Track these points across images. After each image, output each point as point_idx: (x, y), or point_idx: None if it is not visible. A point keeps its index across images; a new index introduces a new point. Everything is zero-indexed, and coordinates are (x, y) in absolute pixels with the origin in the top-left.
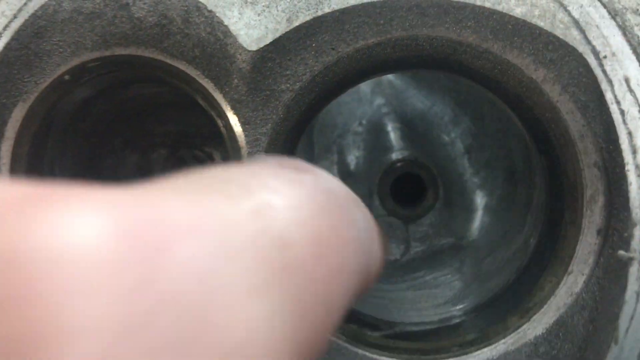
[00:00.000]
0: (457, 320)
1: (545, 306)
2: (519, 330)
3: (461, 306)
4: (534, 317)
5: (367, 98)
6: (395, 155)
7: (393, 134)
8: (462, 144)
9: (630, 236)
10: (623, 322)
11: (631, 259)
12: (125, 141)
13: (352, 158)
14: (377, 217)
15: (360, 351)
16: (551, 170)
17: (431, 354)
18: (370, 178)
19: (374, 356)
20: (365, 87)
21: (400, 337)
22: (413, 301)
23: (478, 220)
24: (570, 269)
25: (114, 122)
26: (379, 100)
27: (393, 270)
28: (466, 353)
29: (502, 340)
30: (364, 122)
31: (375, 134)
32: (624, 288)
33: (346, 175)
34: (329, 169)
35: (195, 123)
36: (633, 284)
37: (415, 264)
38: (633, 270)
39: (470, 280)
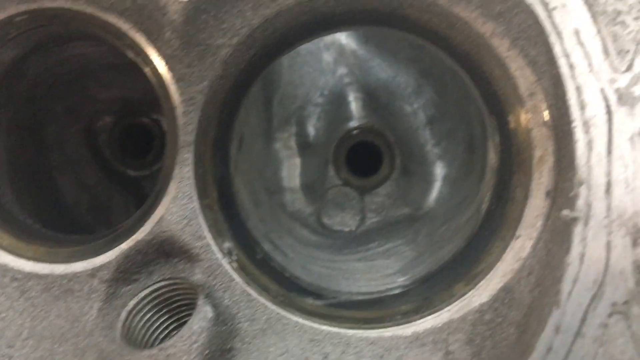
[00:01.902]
0: (404, 289)
1: (491, 272)
2: (464, 297)
3: (410, 275)
4: (480, 283)
5: (330, 68)
6: (352, 124)
7: (354, 104)
8: (424, 114)
9: (576, 196)
10: (566, 285)
11: (575, 219)
12: (67, 108)
13: (312, 129)
14: (331, 187)
15: (300, 320)
16: (501, 131)
17: (374, 322)
18: (326, 147)
19: (314, 325)
20: (328, 56)
21: (344, 306)
22: (363, 271)
23: (436, 190)
24: (517, 233)
25: (54, 86)
26: (342, 70)
27: (346, 242)
28: (409, 321)
29: (447, 308)
30: (325, 92)
31: (337, 105)
32: (567, 250)
33: (305, 147)
34: (286, 141)
35: (141, 88)
36: (577, 245)
37: (369, 235)
38: (577, 231)
39: (422, 250)
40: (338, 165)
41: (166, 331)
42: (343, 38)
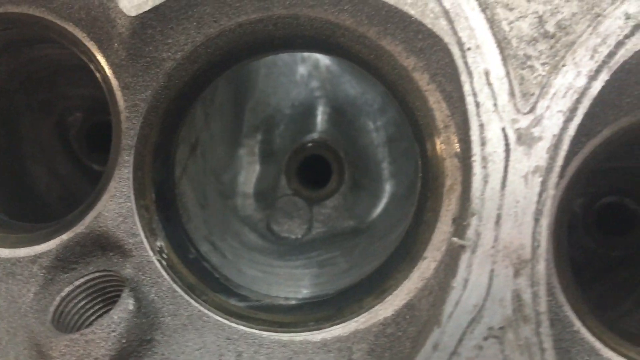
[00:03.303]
0: (323, 299)
1: (398, 289)
2: (372, 310)
3: (335, 287)
4: (387, 298)
5: (304, 80)
6: (308, 137)
7: (320, 118)
8: (385, 132)
9: (468, 225)
10: (448, 307)
11: (462, 247)
12: (41, 102)
13: (277, 138)
14: (282, 196)
15: (219, 318)
16: (422, 157)
17: (288, 326)
18: (281, 154)
19: (232, 324)
20: (303, 69)
21: (264, 309)
22: (298, 278)
23: (382, 206)
24: (425, 254)
25: (27, 82)
26: (315, 84)
27: (291, 249)
28: (319, 328)
29: (355, 319)
30: (296, 103)
31: (304, 117)
32: (454, 274)
33: (266, 155)
34: (252, 147)
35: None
36: (463, 270)
37: (314, 244)
38: (465, 257)
39: (355, 263)
40: (290, 175)
41: (95, 319)
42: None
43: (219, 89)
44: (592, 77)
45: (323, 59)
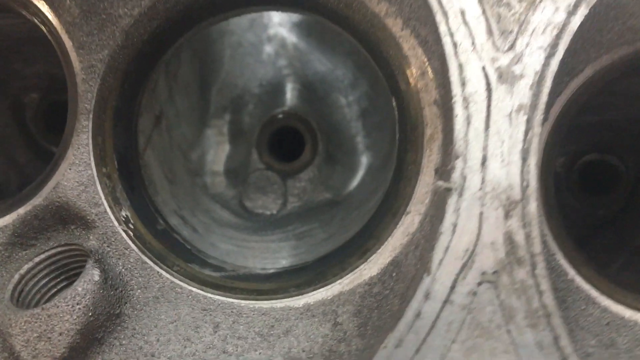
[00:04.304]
0: (303, 266)
1: (382, 247)
2: (356, 270)
3: (314, 254)
4: (371, 258)
5: (271, 60)
6: (278, 110)
7: (290, 95)
8: (358, 107)
9: (452, 168)
10: (437, 254)
11: (449, 190)
12: None
13: (246, 118)
14: (254, 171)
15: (194, 289)
16: (399, 110)
17: (267, 294)
18: (251, 131)
19: (208, 294)
20: (269, 48)
21: (241, 278)
22: (275, 251)
23: (358, 179)
24: (408, 209)
25: None
26: (282, 62)
27: (266, 224)
28: (302, 293)
29: (339, 281)
30: (264, 83)
31: (273, 95)
32: (441, 220)
33: (236, 134)
34: (221, 128)
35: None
36: (451, 215)
37: (290, 218)
38: (451, 201)
39: (333, 232)
40: (261, 149)
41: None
42: (285, 31)
43: (182, 66)
44: (571, 12)
45: (290, 37)
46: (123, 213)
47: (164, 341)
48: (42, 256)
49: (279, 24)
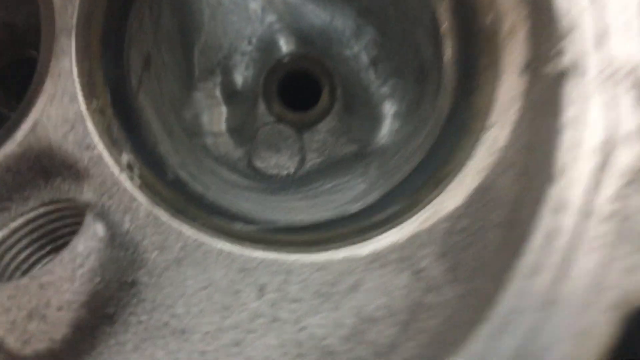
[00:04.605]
0: (357, 211)
1: (461, 172)
2: (432, 205)
3: (363, 202)
4: (449, 187)
5: (257, 16)
6: (283, 51)
7: (286, 48)
8: (367, 56)
9: (561, 51)
10: (561, 156)
11: (564, 73)
12: None
13: (239, 78)
14: (263, 125)
15: (226, 246)
16: (463, 18)
17: (322, 244)
18: (254, 80)
19: (245, 251)
20: (254, 4)
21: (282, 231)
22: (307, 207)
23: (386, 127)
24: (489, 123)
25: None
26: (271, 18)
27: (285, 185)
28: (366, 239)
29: (412, 219)
30: (253, 40)
31: (266, 52)
32: (556, 116)
33: (231, 95)
34: (210, 91)
35: (25, 11)
36: (569, 107)
37: (312, 177)
38: (567, 91)
39: (375, 180)
40: (269, 99)
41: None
42: None
43: (163, 14)
44: None
45: None
46: (125, 157)
47: (196, 313)
48: (20, 221)
49: None
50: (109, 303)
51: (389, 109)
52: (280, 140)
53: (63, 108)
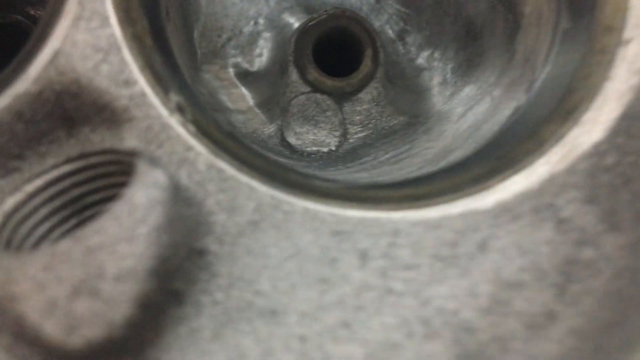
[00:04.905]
0: (459, 161)
1: (597, 100)
2: (565, 140)
3: (452, 157)
4: (583, 118)
5: None
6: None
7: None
8: (391, 31)
9: None
10: None
11: None
12: None
13: (249, 59)
14: (296, 96)
15: (312, 205)
16: None
17: (431, 197)
18: (280, 48)
19: (337, 210)
20: None
21: (374, 187)
22: (374, 175)
23: (436, 96)
24: (624, 37)
25: None
26: None
27: (329, 162)
28: (487, 188)
29: (542, 160)
30: (260, 20)
31: (278, 30)
32: None
33: (245, 76)
34: (217, 73)
35: None
36: None
37: (359, 152)
38: None
39: (447, 144)
40: (302, 64)
41: None
42: None
43: None
44: None
45: None
46: (173, 97)
47: (286, 289)
48: (39, 182)
49: None
50: (175, 276)
51: (430, 80)
52: (318, 113)
53: (92, 33)
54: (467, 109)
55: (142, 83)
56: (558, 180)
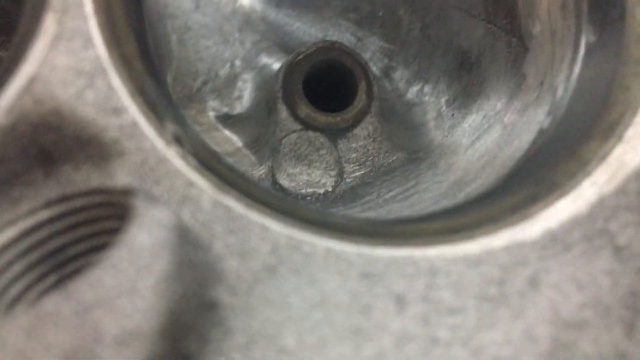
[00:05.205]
0: (487, 191)
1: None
2: (609, 159)
3: (470, 189)
4: (628, 133)
5: (235, 37)
6: (305, 42)
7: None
8: (375, 67)
9: None
10: None
11: None
12: None
13: (228, 101)
14: (287, 134)
15: (334, 244)
16: None
17: (468, 229)
18: (262, 88)
19: (365, 249)
20: (228, 26)
21: (402, 222)
22: (382, 214)
23: (433, 130)
24: None
25: None
26: (253, 38)
27: (326, 203)
28: (528, 217)
29: (588, 182)
30: (237, 62)
31: (257, 71)
32: None
33: (227, 118)
34: (195, 117)
35: None
36: None
37: (358, 191)
38: None
39: (458, 178)
40: (292, 101)
41: None
42: (246, 3)
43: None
44: None
45: (253, 9)
46: (170, 126)
47: (315, 343)
48: (12, 232)
49: None
50: (185, 334)
51: (423, 115)
52: (311, 152)
53: (74, 55)
54: (475, 139)
55: (134, 111)
56: (609, 203)
